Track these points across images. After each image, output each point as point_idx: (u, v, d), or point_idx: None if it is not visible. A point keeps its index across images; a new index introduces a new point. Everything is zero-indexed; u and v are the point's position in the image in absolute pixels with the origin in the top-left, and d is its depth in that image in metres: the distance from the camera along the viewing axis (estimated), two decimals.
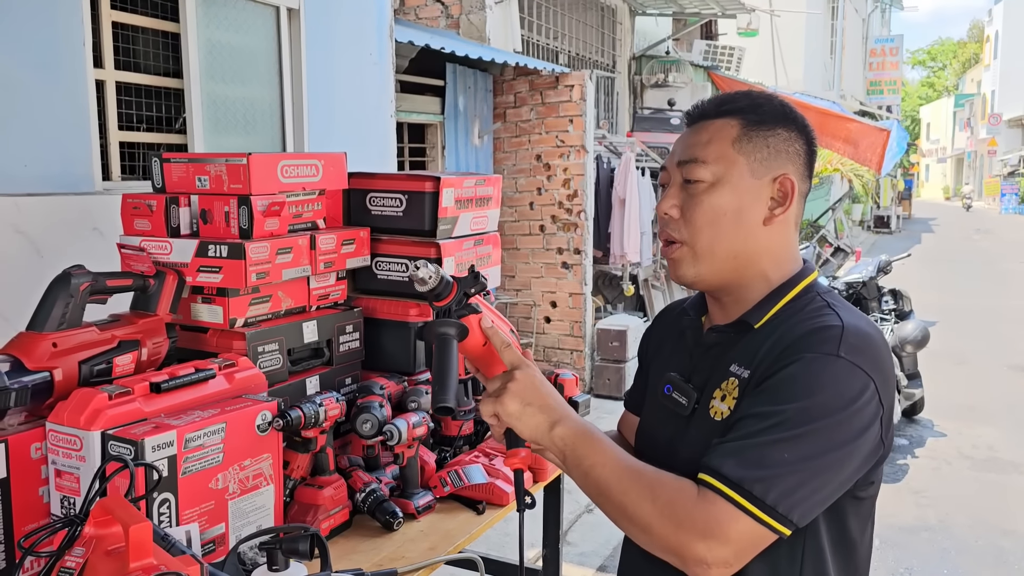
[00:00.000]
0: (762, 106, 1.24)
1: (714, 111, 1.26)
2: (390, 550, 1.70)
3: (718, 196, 1.21)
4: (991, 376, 7.60)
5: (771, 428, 1.06)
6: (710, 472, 1.07)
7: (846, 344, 1.10)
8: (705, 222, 1.22)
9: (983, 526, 4.48)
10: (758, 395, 1.12)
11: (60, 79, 2.80)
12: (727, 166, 1.21)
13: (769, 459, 1.04)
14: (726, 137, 1.22)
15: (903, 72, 36.20)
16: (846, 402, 1.07)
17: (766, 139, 1.22)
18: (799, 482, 1.05)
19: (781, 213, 1.23)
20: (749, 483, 1.03)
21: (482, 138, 6.64)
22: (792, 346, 1.13)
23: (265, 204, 1.85)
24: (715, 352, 1.27)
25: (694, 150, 1.24)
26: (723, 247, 1.22)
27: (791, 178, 1.23)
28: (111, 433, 1.40)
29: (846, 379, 1.08)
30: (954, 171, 47.77)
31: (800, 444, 1.05)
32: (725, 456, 1.07)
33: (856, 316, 1.19)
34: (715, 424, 1.20)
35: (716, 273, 1.24)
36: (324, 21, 4.01)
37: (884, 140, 10.22)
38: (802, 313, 1.20)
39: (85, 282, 1.63)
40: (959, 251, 18.25)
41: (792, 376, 1.09)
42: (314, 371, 2.01)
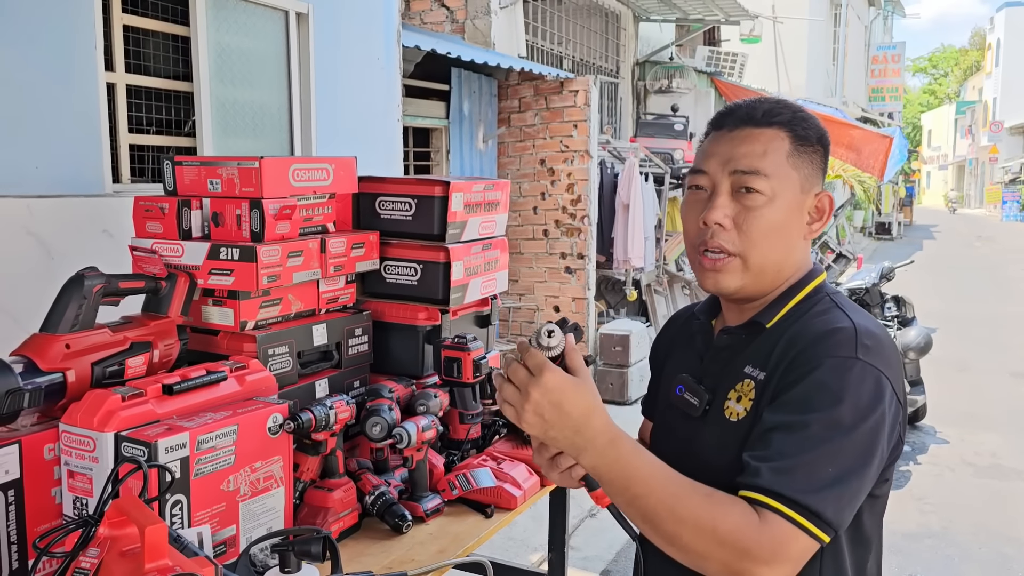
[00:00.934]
0: (806, 120, 1.24)
1: (763, 120, 1.22)
2: (399, 553, 1.70)
3: (775, 210, 1.20)
4: (993, 383, 7.60)
5: (810, 441, 1.07)
6: (765, 492, 1.06)
7: (861, 346, 1.12)
8: (761, 236, 1.20)
9: (986, 533, 4.48)
10: (784, 404, 1.12)
11: (71, 82, 2.81)
12: (783, 180, 1.21)
13: (817, 475, 1.06)
14: (780, 150, 1.21)
15: (905, 79, 36.25)
16: (871, 405, 1.10)
17: (810, 156, 1.23)
18: (844, 493, 1.08)
19: (819, 228, 1.26)
20: (807, 500, 1.05)
21: (487, 143, 6.66)
22: (808, 350, 1.14)
23: (276, 207, 1.86)
24: (726, 355, 1.28)
25: (752, 160, 1.20)
26: (773, 261, 1.23)
27: (829, 195, 1.26)
28: (125, 434, 1.41)
29: (867, 382, 1.10)
30: (955, 178, 47.78)
31: (839, 455, 1.07)
32: (776, 476, 1.06)
33: (864, 316, 1.21)
34: (731, 425, 1.20)
35: (759, 285, 1.25)
36: (332, 25, 4.02)
37: (887, 147, 10.23)
38: (811, 313, 1.22)
39: (98, 284, 1.64)
40: (961, 258, 18.24)
41: (817, 384, 1.10)
42: (323, 374, 2.02)
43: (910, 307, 6.73)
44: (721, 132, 1.25)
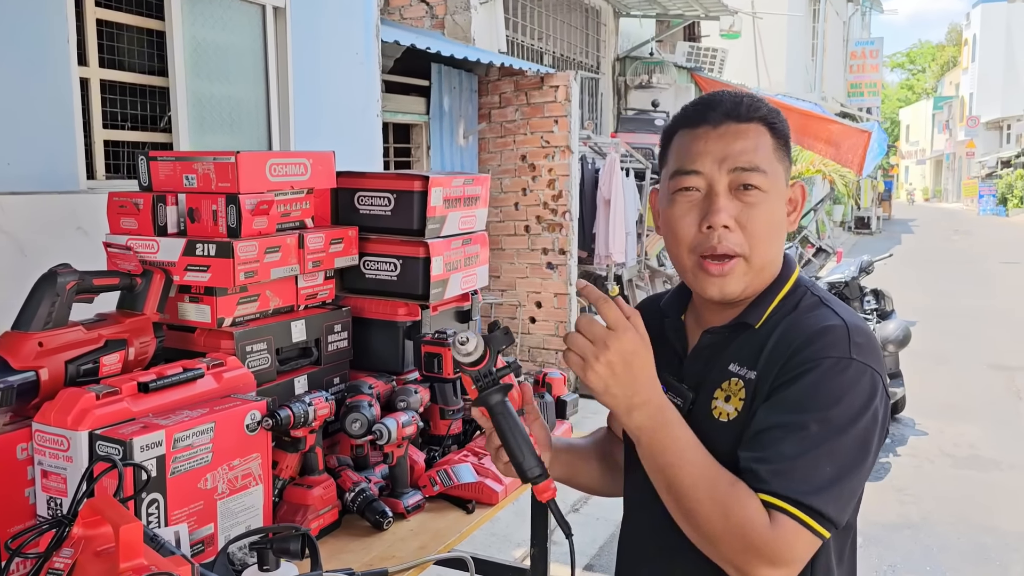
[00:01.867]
0: (778, 113, 1.24)
1: (746, 115, 1.20)
2: (380, 550, 1.69)
3: (773, 205, 1.20)
4: (972, 375, 7.67)
5: (809, 442, 1.08)
6: (771, 493, 1.06)
7: (854, 344, 1.13)
8: (765, 233, 1.19)
9: (965, 523, 4.52)
10: (781, 405, 1.12)
11: (44, 77, 2.77)
12: (774, 175, 1.20)
13: (818, 475, 1.07)
14: (767, 145, 1.20)
15: (883, 74, 36.52)
16: (866, 403, 1.11)
17: (785, 148, 1.24)
18: (844, 490, 1.09)
19: (796, 219, 1.27)
20: (811, 500, 1.06)
21: (467, 138, 6.64)
22: (801, 349, 1.14)
23: (253, 203, 1.84)
24: (707, 353, 1.27)
25: (750, 156, 1.18)
26: (771, 257, 1.22)
27: (803, 184, 1.28)
28: (99, 433, 1.39)
29: (862, 381, 1.11)
30: (933, 172, 48.23)
31: (837, 454, 1.09)
32: (778, 477, 1.07)
33: (850, 312, 1.22)
34: (721, 425, 1.19)
35: (757, 284, 1.23)
36: (310, 20, 3.99)
37: (865, 141, 10.29)
38: (798, 310, 1.21)
39: (71, 281, 1.61)
40: (939, 252, 18.42)
41: (814, 384, 1.11)
42: (302, 370, 2.01)
43: (889, 300, 6.78)
44: (702, 128, 1.21)
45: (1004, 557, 4.13)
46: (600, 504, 4.09)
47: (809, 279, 1.30)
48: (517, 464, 1.19)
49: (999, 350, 8.57)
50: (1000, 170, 32.02)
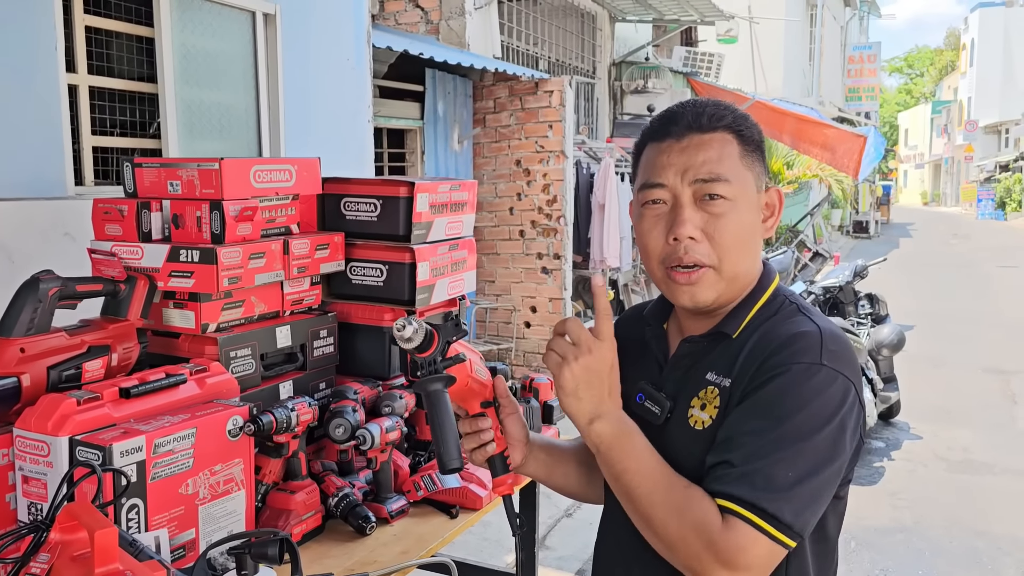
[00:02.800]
0: (744, 121, 1.22)
1: (708, 125, 1.20)
2: (362, 554, 1.70)
3: (740, 214, 1.19)
4: (967, 379, 7.68)
5: (772, 446, 1.08)
6: (726, 497, 1.07)
7: (827, 351, 1.12)
8: (733, 242, 1.18)
9: (958, 527, 4.53)
10: (749, 409, 1.12)
11: (32, 83, 2.78)
12: (742, 183, 1.19)
13: (778, 480, 1.06)
14: (733, 153, 1.19)
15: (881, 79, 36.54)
16: (834, 411, 1.10)
17: (755, 154, 1.22)
18: (806, 496, 1.08)
19: (773, 224, 1.24)
20: (764, 504, 1.05)
21: (462, 143, 6.65)
22: (774, 355, 1.14)
23: (237, 209, 1.84)
24: (687, 362, 1.27)
25: (712, 167, 1.18)
26: (745, 264, 1.22)
27: (778, 190, 1.25)
28: (79, 439, 1.40)
29: (831, 387, 1.11)
30: (932, 176, 48.28)
31: (801, 460, 1.08)
32: (736, 481, 1.07)
33: (826, 320, 1.21)
34: (696, 433, 1.19)
35: (732, 292, 1.23)
36: (300, 26, 4.00)
37: (861, 146, 10.30)
38: (776, 318, 1.21)
39: (54, 287, 1.62)
40: (937, 256, 18.43)
41: (781, 389, 1.10)
42: (288, 376, 2.01)
43: (883, 304, 6.78)
44: (667, 142, 1.21)
45: (996, 561, 4.13)
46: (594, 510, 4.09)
47: (789, 289, 1.30)
48: (437, 452, 1.21)
49: (995, 354, 8.57)
50: (998, 174, 32.05)
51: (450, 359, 1.22)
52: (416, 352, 1.19)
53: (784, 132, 11.64)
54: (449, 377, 1.21)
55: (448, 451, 1.21)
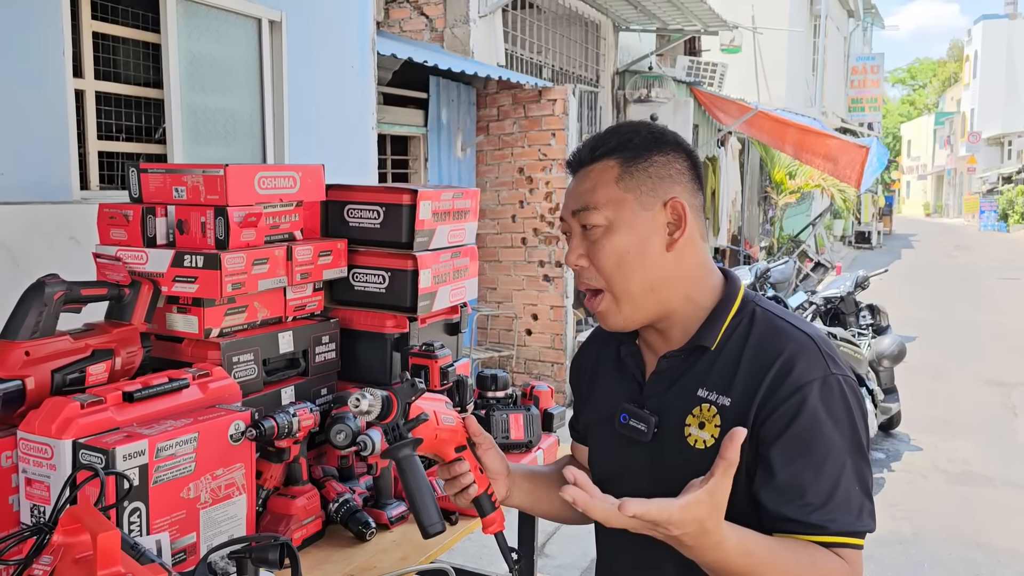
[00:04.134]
0: (632, 140, 1.26)
1: (589, 157, 1.27)
2: (362, 560, 1.71)
3: (617, 237, 1.23)
4: (967, 390, 7.67)
5: (831, 469, 1.15)
6: (833, 534, 1.14)
7: (828, 358, 1.19)
8: (612, 265, 1.23)
9: (957, 539, 4.52)
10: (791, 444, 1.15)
11: (39, 88, 2.80)
12: (617, 206, 1.23)
13: (854, 499, 1.16)
14: (609, 179, 1.24)
15: (884, 90, 36.62)
16: (854, 411, 1.19)
17: (646, 170, 1.24)
18: (871, 495, 1.19)
19: (680, 236, 1.24)
20: (858, 527, 1.15)
21: (465, 151, 6.67)
22: (781, 378, 1.17)
23: (242, 215, 1.86)
24: (668, 376, 1.28)
25: (583, 198, 1.25)
26: (636, 283, 1.24)
27: (680, 200, 1.24)
28: (82, 442, 1.41)
29: (845, 392, 1.18)
30: (934, 188, 48.29)
31: (856, 470, 1.17)
32: (829, 518, 1.14)
33: (806, 323, 1.26)
34: (699, 453, 1.21)
35: (640, 310, 1.26)
36: (306, 33, 4.03)
37: (863, 157, 10.31)
38: (756, 328, 1.23)
39: (59, 291, 1.63)
40: (938, 267, 18.43)
41: (811, 416, 1.15)
42: (290, 381, 2.02)
43: (884, 315, 6.79)
44: (570, 180, 1.31)
45: (995, 574, 4.13)
46: None
47: (755, 293, 1.32)
48: (417, 517, 1.25)
49: (996, 366, 8.57)
50: (1001, 186, 32.05)
51: (412, 420, 1.24)
52: (378, 421, 1.22)
53: (787, 142, 11.66)
54: (416, 440, 1.24)
55: (428, 515, 1.24)
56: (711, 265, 1.30)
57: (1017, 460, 5.79)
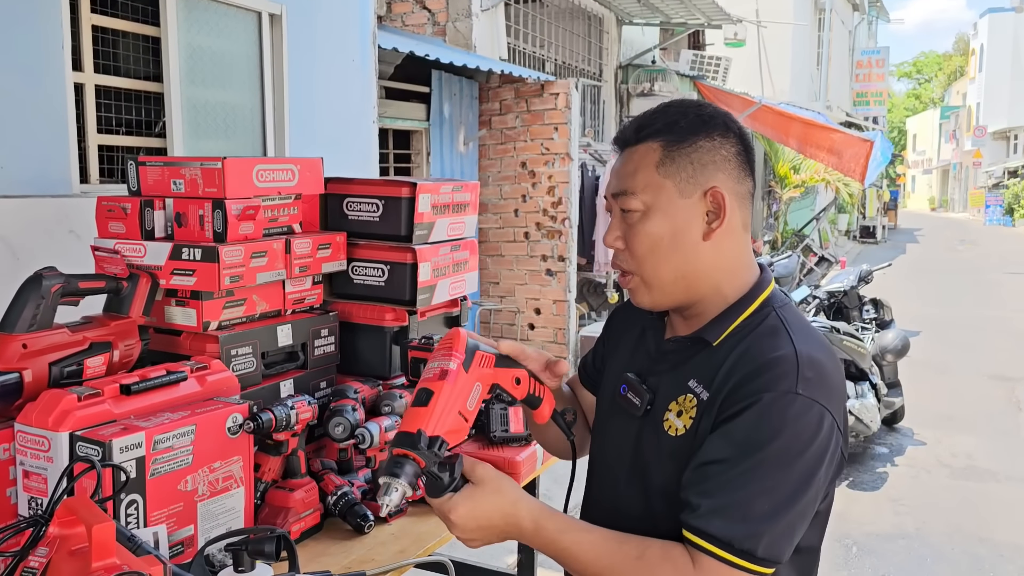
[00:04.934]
0: (678, 123, 1.22)
1: (634, 137, 1.24)
2: (360, 553, 1.70)
3: (652, 223, 1.21)
4: (971, 385, 7.65)
5: (744, 478, 1.09)
6: (700, 535, 1.09)
7: (802, 379, 1.11)
8: (645, 250, 1.22)
9: (960, 534, 4.51)
10: (723, 438, 1.12)
11: (39, 82, 2.80)
12: (655, 192, 1.21)
13: (752, 513, 1.08)
14: (650, 163, 1.21)
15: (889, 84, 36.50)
16: (808, 440, 1.10)
17: (688, 156, 1.20)
18: (783, 528, 1.10)
19: (718, 226, 1.21)
20: (740, 541, 1.07)
21: (467, 145, 6.67)
22: (749, 380, 1.13)
23: (240, 208, 1.86)
24: (671, 359, 1.28)
25: (623, 181, 1.24)
26: (668, 271, 1.22)
27: (720, 190, 1.20)
28: (79, 434, 1.41)
29: (805, 417, 1.10)
30: (940, 182, 48.15)
31: (776, 491, 1.09)
32: (710, 516, 1.09)
33: (809, 340, 1.19)
34: (669, 440, 1.20)
35: (668, 295, 1.25)
36: (306, 27, 4.02)
37: (867, 151, 10.29)
38: (757, 333, 1.20)
39: (57, 284, 1.63)
40: (943, 261, 18.38)
41: (755, 419, 1.10)
42: (289, 374, 2.02)
43: (888, 310, 6.77)
44: (616, 157, 1.29)
45: (998, 568, 4.12)
46: None
47: (783, 297, 1.28)
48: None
49: (1000, 361, 8.55)
50: (1007, 180, 31.94)
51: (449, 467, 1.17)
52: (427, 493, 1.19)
53: (791, 136, 11.63)
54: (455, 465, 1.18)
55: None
56: (749, 259, 1.27)
57: (1021, 455, 5.77)
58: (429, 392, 1.18)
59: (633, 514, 1.25)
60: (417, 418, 1.17)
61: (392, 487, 1.13)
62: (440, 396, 1.18)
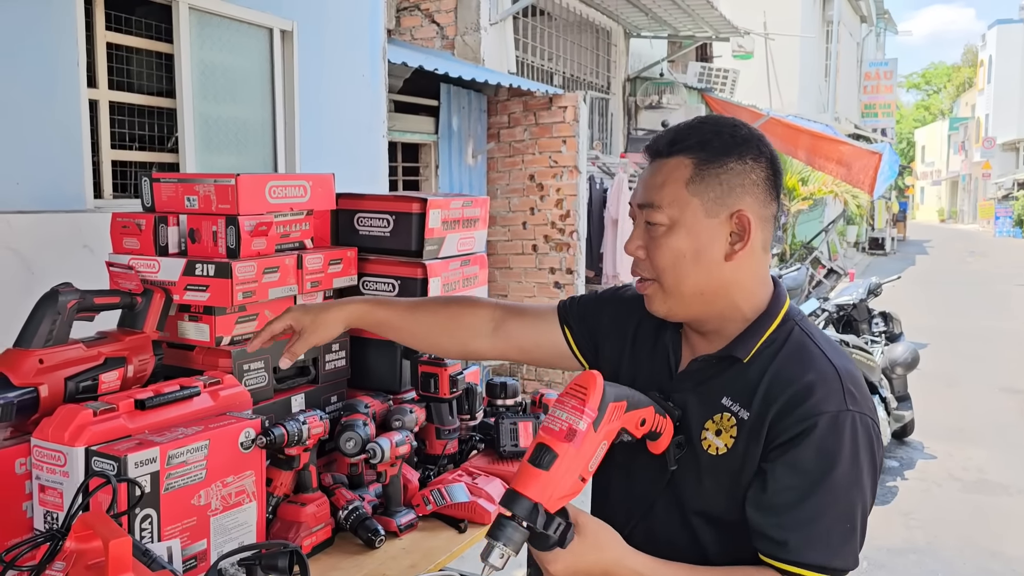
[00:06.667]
0: (711, 142, 1.23)
1: (667, 150, 1.25)
2: (371, 567, 1.71)
3: (676, 239, 1.23)
4: (982, 398, 7.62)
5: (823, 506, 1.15)
6: (798, 565, 1.15)
7: (849, 395, 1.18)
8: (666, 264, 1.24)
9: (971, 548, 4.49)
10: (789, 468, 1.16)
11: (54, 98, 2.83)
12: (681, 209, 1.22)
13: (837, 536, 1.16)
14: (679, 179, 1.23)
15: (898, 95, 36.47)
16: (867, 452, 1.17)
17: (718, 176, 1.22)
18: (858, 538, 1.19)
19: (741, 248, 1.23)
20: (832, 562, 1.16)
21: (476, 158, 6.69)
22: (797, 403, 1.17)
23: (252, 224, 1.87)
24: (698, 377, 1.29)
25: (650, 193, 1.25)
26: (688, 285, 1.24)
27: (747, 214, 1.22)
28: (95, 449, 1.42)
29: (860, 433, 1.17)
30: (949, 194, 48.01)
31: (852, 510, 1.17)
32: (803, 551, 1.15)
33: (838, 352, 1.25)
34: (710, 459, 1.23)
35: (686, 308, 1.27)
36: (317, 42, 4.05)
37: (876, 162, 10.29)
38: (787, 349, 1.24)
39: (72, 299, 1.65)
40: (953, 273, 18.31)
41: (816, 446, 1.15)
42: (300, 389, 2.03)
43: (897, 323, 6.75)
44: (647, 165, 1.30)
45: None
46: None
47: (799, 310, 1.31)
48: None
49: (1011, 373, 8.50)
50: (1016, 191, 31.82)
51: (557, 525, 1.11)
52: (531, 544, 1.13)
53: (799, 148, 11.63)
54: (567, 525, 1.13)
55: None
56: (766, 276, 1.30)
57: None
58: (551, 453, 1.10)
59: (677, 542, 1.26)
60: (533, 481, 1.09)
61: (495, 551, 1.09)
62: (562, 460, 1.10)
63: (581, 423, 1.10)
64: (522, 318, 1.57)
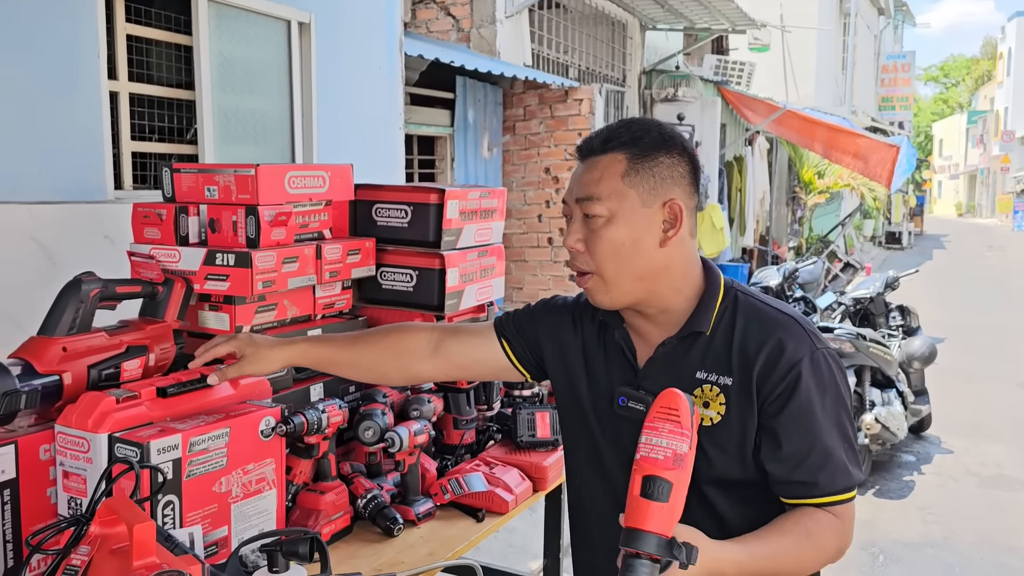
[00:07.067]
0: (642, 138, 1.33)
1: (600, 148, 1.35)
2: (390, 555, 1.72)
3: (615, 229, 1.32)
4: (999, 393, 7.56)
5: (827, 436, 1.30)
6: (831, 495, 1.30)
7: (813, 336, 1.33)
8: (607, 254, 1.33)
9: (988, 543, 4.46)
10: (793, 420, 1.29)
11: (75, 90, 2.85)
12: (619, 200, 1.32)
13: (850, 460, 1.31)
14: (616, 173, 1.32)
15: (915, 88, 36.14)
16: (840, 377, 1.34)
17: (651, 169, 1.33)
18: (857, 450, 1.35)
19: (674, 234, 1.34)
20: (854, 481, 1.31)
21: (491, 151, 6.69)
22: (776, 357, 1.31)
23: (272, 214, 1.89)
24: (665, 360, 1.38)
25: (588, 187, 1.34)
26: (627, 273, 1.34)
27: (678, 202, 1.34)
28: (118, 436, 1.44)
29: (832, 363, 1.33)
30: (967, 187, 47.59)
31: (847, 431, 1.33)
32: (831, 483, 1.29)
33: (784, 304, 1.40)
34: (706, 430, 1.32)
35: (626, 294, 1.36)
36: (334, 35, 4.06)
37: (893, 156, 10.20)
38: (742, 312, 1.36)
39: (95, 288, 1.66)
40: (970, 268, 18.16)
41: (806, 389, 1.29)
42: (318, 378, 2.04)
43: (915, 317, 6.70)
44: (578, 165, 1.39)
45: None
46: None
47: (733, 280, 1.43)
48: None
49: None
50: None
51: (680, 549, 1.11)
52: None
53: (816, 141, 11.56)
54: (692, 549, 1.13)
55: None
56: (696, 259, 1.41)
57: None
58: (665, 484, 1.10)
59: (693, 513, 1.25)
60: (653, 515, 1.09)
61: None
62: (677, 488, 1.10)
63: (683, 446, 1.11)
64: (459, 337, 1.64)
